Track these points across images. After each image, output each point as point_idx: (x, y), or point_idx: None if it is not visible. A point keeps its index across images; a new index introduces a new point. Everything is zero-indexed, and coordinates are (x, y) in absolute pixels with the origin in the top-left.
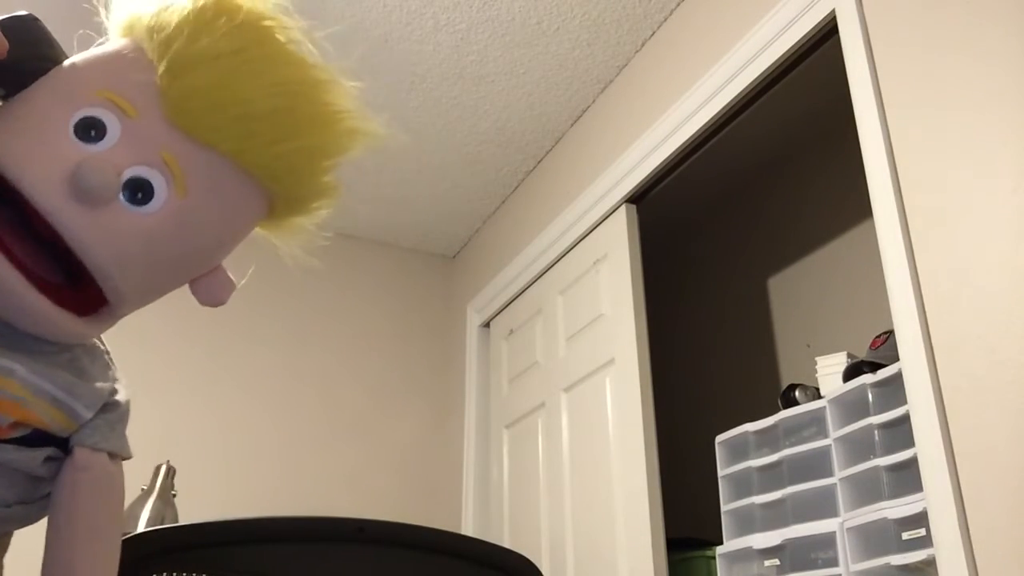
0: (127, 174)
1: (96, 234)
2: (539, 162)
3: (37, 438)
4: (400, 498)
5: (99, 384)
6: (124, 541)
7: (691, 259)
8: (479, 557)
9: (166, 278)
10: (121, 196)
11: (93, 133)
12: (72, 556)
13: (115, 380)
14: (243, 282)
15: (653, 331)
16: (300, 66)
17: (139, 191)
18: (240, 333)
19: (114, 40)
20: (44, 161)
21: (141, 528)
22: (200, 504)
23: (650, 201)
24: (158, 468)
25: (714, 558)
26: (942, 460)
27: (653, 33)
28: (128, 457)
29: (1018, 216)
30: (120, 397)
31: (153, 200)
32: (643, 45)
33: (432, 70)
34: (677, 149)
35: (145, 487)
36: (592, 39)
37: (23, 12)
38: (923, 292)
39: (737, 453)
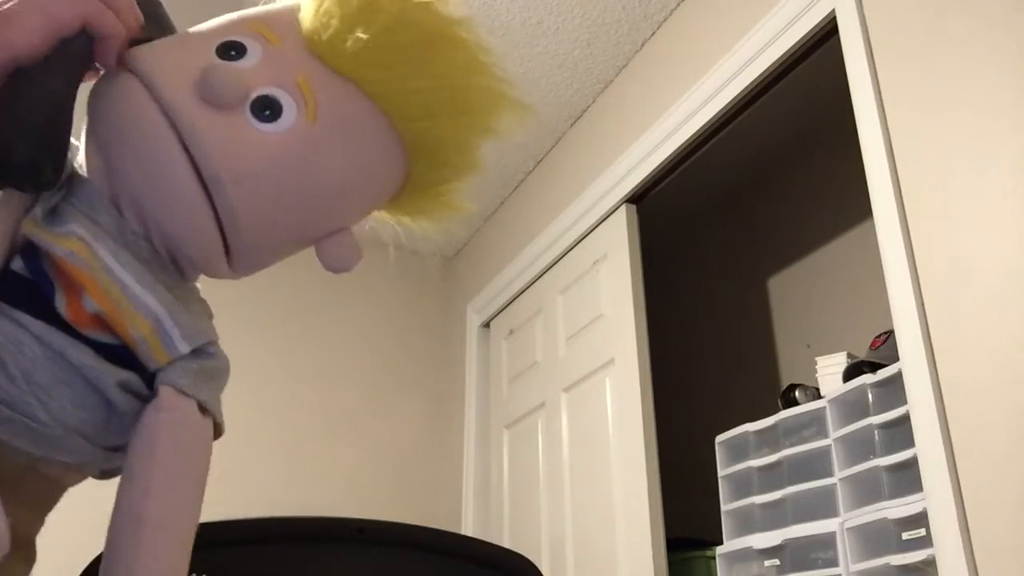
0: (258, 91)
1: (215, 138)
2: (539, 162)
3: (121, 357)
4: (400, 498)
5: (202, 324)
6: None
7: (691, 259)
8: (479, 557)
9: (289, 220)
10: (248, 112)
11: (233, 53)
12: (144, 506)
13: (215, 336)
14: (243, 283)
15: (653, 331)
16: (439, 13)
17: (267, 109)
18: (240, 333)
19: None
20: (178, 64)
21: None
22: None
23: (650, 201)
24: None
25: (714, 558)
26: (942, 460)
27: (653, 33)
28: (220, 427)
29: (1018, 216)
30: (221, 354)
31: (281, 119)
32: (643, 45)
33: None
34: (677, 149)
35: None
36: (592, 39)
37: None
38: (923, 292)
39: (737, 453)
